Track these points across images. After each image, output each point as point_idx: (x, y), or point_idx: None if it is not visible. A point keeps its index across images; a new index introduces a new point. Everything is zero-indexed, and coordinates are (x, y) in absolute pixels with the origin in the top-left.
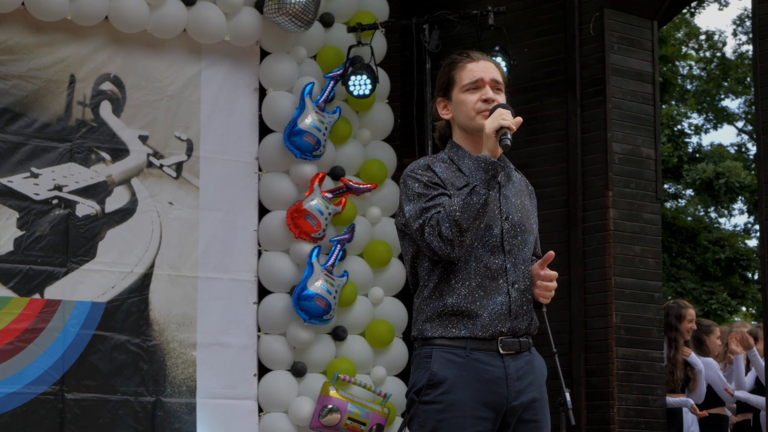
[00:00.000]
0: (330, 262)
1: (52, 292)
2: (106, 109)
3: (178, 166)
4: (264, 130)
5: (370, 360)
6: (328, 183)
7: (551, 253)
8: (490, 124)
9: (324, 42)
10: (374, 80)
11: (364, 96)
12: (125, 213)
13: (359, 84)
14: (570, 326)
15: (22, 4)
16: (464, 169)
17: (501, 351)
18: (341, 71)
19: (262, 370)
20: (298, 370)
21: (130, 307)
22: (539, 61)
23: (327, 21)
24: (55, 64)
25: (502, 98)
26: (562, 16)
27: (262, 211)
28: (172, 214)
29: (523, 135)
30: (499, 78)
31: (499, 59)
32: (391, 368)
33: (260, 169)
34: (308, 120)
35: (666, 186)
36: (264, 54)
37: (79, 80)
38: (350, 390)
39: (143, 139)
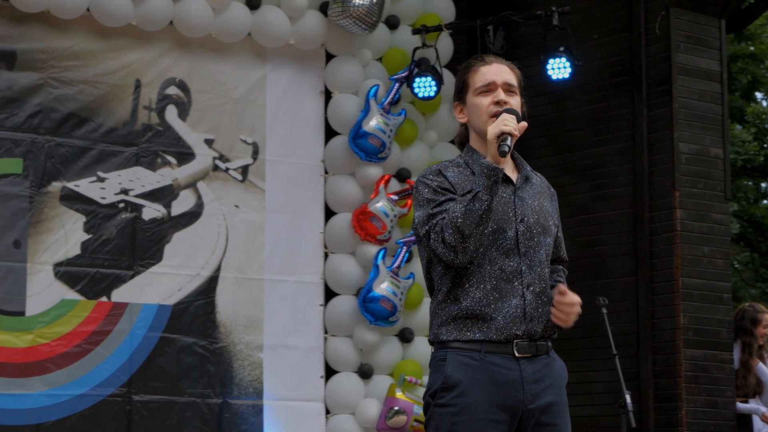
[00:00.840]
0: (396, 264)
1: (119, 294)
2: (171, 113)
3: (244, 170)
4: (330, 133)
5: None
6: (394, 185)
7: (565, 289)
8: (492, 129)
9: (389, 44)
10: (439, 82)
11: (429, 98)
12: (191, 216)
13: (424, 86)
14: (637, 327)
15: (87, 9)
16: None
17: (516, 354)
18: (406, 73)
19: (329, 372)
20: (364, 372)
21: (197, 310)
22: (605, 61)
23: (392, 23)
24: (120, 69)
25: (515, 101)
26: (627, 15)
27: (329, 213)
28: (238, 217)
29: (590, 135)
30: (513, 81)
31: (563, 59)
32: None
33: (326, 172)
34: (373, 122)
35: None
36: (329, 57)
37: (144, 85)
38: (417, 392)
39: (209, 142)
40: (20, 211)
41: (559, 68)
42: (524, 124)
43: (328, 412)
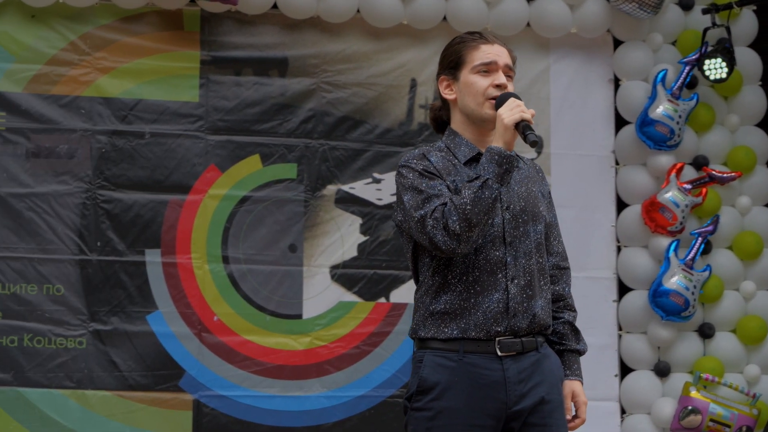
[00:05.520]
0: (689, 257)
1: (397, 295)
2: None
3: None
4: (619, 122)
5: (742, 358)
6: (689, 173)
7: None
8: (509, 116)
9: (684, 26)
10: (731, 63)
11: (721, 80)
12: None
13: (714, 68)
14: None
15: (357, 11)
16: (460, 157)
17: (498, 353)
18: (697, 56)
19: (624, 370)
20: (661, 370)
21: None
22: None
23: (686, 4)
24: (394, 69)
25: (512, 87)
26: None
27: (620, 205)
28: None
29: None
30: (512, 65)
31: None
32: (766, 366)
33: (617, 163)
34: (660, 109)
35: None
36: (617, 43)
37: (420, 84)
38: (715, 390)
39: None
40: (295, 216)
41: None
42: (532, 111)
43: (623, 411)
